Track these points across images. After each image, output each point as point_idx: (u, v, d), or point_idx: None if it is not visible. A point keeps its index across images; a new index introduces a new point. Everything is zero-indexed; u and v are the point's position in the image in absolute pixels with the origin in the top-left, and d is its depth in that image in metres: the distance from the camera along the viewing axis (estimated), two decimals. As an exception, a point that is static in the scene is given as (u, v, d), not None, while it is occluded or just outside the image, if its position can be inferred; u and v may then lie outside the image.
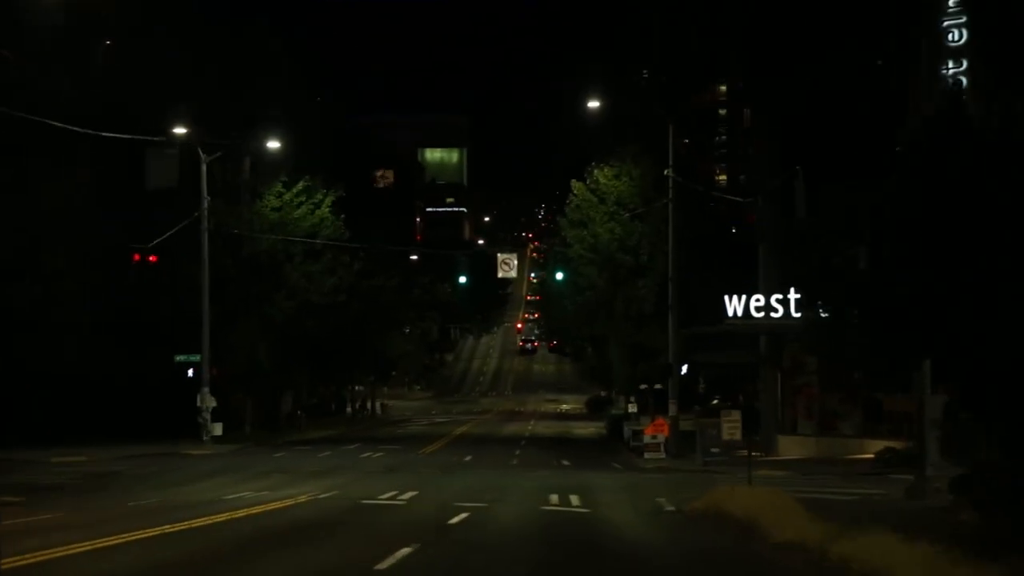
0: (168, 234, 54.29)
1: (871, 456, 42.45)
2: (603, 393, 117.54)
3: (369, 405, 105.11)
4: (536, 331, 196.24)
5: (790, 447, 50.17)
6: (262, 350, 62.32)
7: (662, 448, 51.18)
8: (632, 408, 63.88)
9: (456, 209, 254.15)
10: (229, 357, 61.00)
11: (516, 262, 53.72)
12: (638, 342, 53.78)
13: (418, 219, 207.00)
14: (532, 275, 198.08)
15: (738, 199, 46.50)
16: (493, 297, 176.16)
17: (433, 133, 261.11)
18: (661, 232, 53.25)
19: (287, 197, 63.25)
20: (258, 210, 62.61)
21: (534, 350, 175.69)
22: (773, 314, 47.44)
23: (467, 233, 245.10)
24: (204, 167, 57.20)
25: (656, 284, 52.20)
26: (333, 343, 67.80)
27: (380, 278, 71.90)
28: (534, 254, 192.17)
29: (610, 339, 56.62)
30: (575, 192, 56.12)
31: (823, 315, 30.20)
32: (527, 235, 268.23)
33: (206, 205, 57.26)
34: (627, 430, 64.05)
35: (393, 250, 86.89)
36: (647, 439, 51.48)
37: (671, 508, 27.87)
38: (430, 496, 30.62)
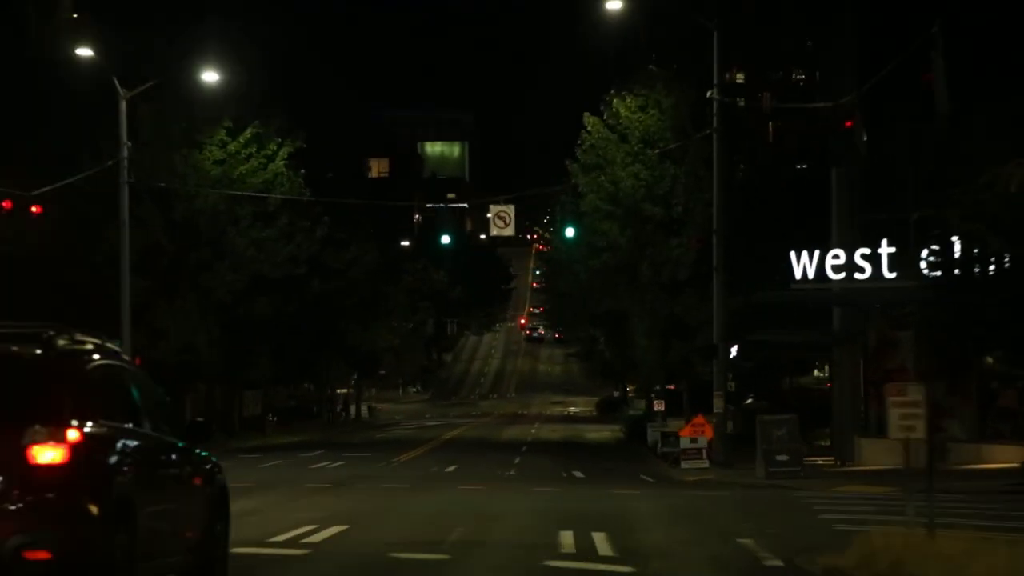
0: (67, 181, 42.40)
1: (1014, 465, 30.50)
2: (616, 393, 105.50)
3: (353, 408, 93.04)
4: (541, 326, 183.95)
5: (876, 454, 37.87)
6: (202, 335, 50.29)
7: (704, 454, 39.16)
8: (659, 406, 51.81)
9: (457, 205, 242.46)
10: (161, 344, 49.03)
11: (512, 216, 41.40)
12: (671, 316, 41.63)
13: (416, 216, 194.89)
14: (537, 272, 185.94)
15: (816, 107, 34.21)
16: (495, 292, 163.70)
17: (433, 126, 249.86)
18: (701, 178, 41.16)
19: (232, 148, 51.13)
20: (196, 163, 50.49)
21: (541, 338, 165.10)
22: (858, 275, 35.37)
23: (468, 228, 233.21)
24: (123, 104, 45.03)
25: (694, 240, 40.15)
26: (293, 328, 55.71)
27: (353, 249, 59.65)
28: (539, 246, 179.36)
29: (633, 316, 44.36)
30: (588, 128, 43.49)
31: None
32: (532, 236, 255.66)
33: (126, 153, 45.05)
34: (652, 433, 52.21)
35: (358, 206, 75.09)
36: (685, 443, 39.45)
37: (776, 563, 15.73)
38: (360, 536, 18.61)
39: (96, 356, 10.19)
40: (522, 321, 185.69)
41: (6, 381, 9.34)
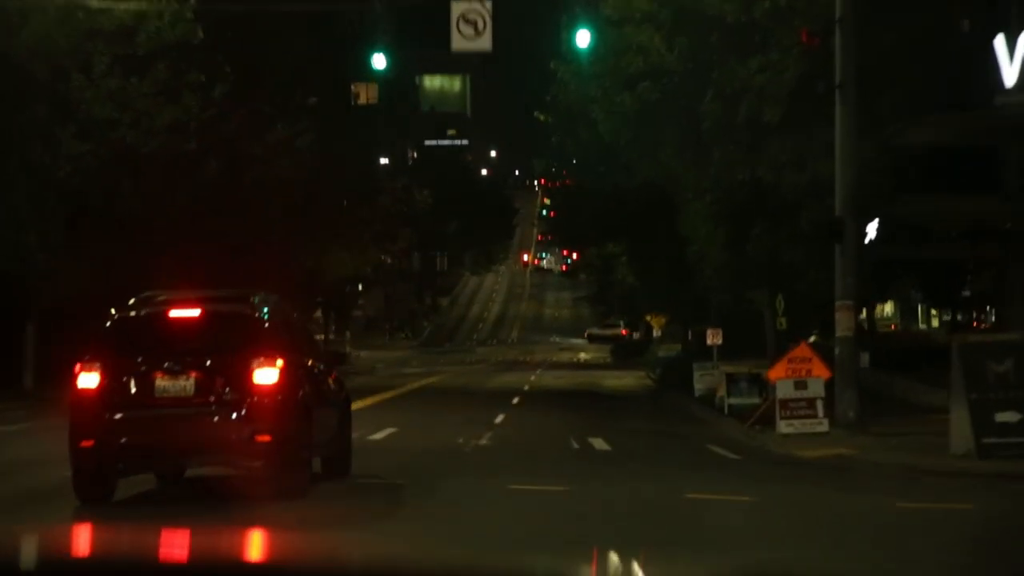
0: None
1: None
2: (635, 335, 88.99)
3: (319, 352, 76.59)
4: (548, 255, 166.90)
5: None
6: (33, 235, 33.94)
7: (820, 408, 22.78)
8: (715, 337, 35.30)
9: (458, 142, 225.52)
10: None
11: (488, 18, 24.47)
12: (752, 184, 24.72)
13: (413, 153, 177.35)
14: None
15: None
16: (496, 228, 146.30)
17: (433, 60, 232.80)
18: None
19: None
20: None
21: (549, 269, 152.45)
22: None
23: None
24: None
25: (803, 39, 23.38)
26: (189, 231, 38.96)
27: (282, 127, 42.62)
28: (545, 199, 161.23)
29: (686, 187, 27.18)
30: None
31: None
32: (540, 181, 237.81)
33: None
34: (703, 377, 36.30)
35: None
36: (783, 390, 23.00)
37: None
38: None
39: (280, 310, 14.30)
40: (525, 257, 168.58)
41: (234, 329, 13.38)
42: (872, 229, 24.02)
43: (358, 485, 15.25)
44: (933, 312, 72.68)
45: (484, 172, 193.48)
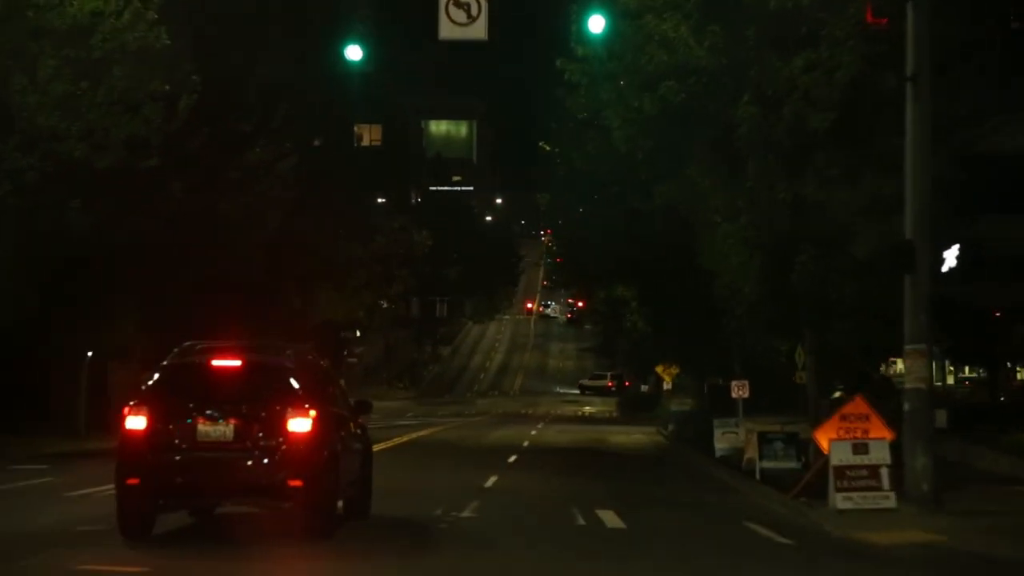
0: None
1: None
2: (644, 387, 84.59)
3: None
4: (556, 304, 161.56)
5: None
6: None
7: (885, 479, 18.41)
8: (741, 390, 30.91)
9: (463, 188, 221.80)
10: None
11: (482, 1, 20.37)
12: (795, 204, 20.33)
13: (417, 198, 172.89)
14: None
15: None
16: (500, 276, 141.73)
17: (441, 107, 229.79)
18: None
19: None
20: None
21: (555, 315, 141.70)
22: None
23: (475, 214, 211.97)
24: None
25: (852, 45, 19.26)
26: (142, 263, 34.70)
27: (259, 151, 38.27)
28: (549, 242, 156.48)
29: (713, 208, 22.33)
30: None
31: None
32: (546, 231, 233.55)
33: None
34: (724, 436, 32.14)
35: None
36: (840, 454, 18.64)
37: None
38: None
39: (313, 362, 15.46)
40: (529, 305, 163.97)
41: (271, 380, 14.21)
42: (951, 256, 19.79)
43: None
44: (948, 367, 67.41)
45: (489, 219, 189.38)
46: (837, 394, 41.91)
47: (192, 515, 15.76)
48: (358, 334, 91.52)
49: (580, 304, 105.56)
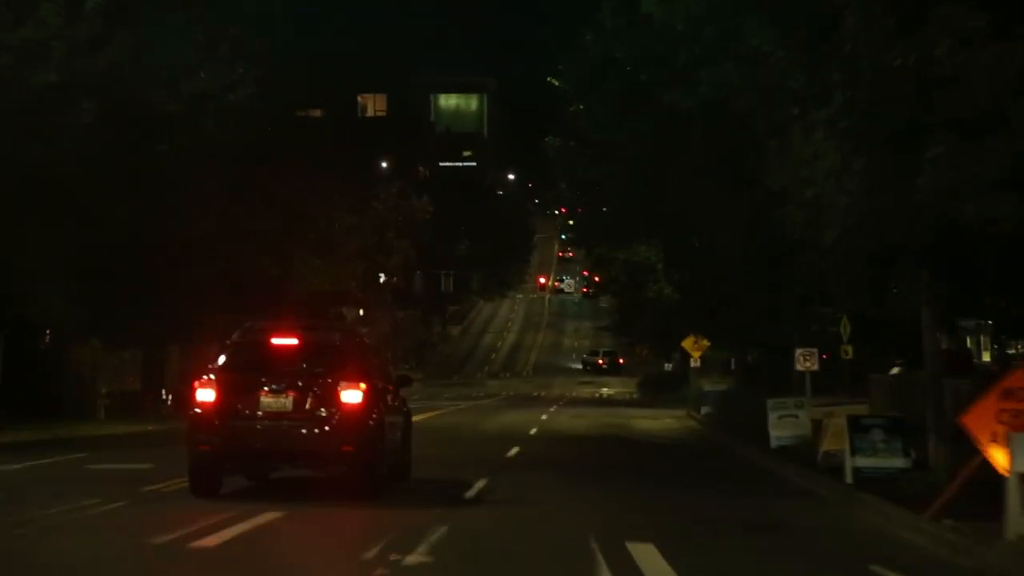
0: None
1: None
2: (668, 365, 77.49)
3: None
4: (571, 279, 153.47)
5: None
6: None
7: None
8: (807, 361, 23.80)
9: (473, 164, 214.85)
10: None
11: None
12: (924, 66, 13.46)
13: (422, 168, 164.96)
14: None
15: None
16: (511, 252, 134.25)
17: (449, 81, 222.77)
18: None
19: None
20: None
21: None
22: None
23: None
24: None
25: None
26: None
27: (204, 74, 30.73)
28: (563, 208, 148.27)
29: (787, 101, 15.53)
30: None
31: None
32: (561, 210, 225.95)
33: None
34: (782, 422, 25.34)
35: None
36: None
37: None
38: None
39: (363, 340, 17.34)
40: (542, 280, 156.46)
41: (325, 356, 15.77)
42: None
43: None
44: (984, 343, 59.24)
45: (500, 194, 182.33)
46: (895, 370, 34.95)
47: (250, 479, 17.09)
48: (361, 313, 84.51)
49: (596, 278, 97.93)
